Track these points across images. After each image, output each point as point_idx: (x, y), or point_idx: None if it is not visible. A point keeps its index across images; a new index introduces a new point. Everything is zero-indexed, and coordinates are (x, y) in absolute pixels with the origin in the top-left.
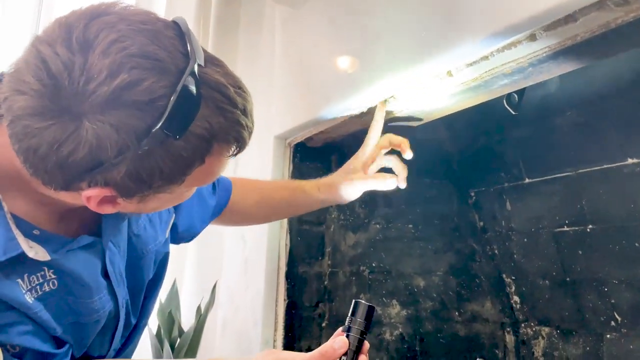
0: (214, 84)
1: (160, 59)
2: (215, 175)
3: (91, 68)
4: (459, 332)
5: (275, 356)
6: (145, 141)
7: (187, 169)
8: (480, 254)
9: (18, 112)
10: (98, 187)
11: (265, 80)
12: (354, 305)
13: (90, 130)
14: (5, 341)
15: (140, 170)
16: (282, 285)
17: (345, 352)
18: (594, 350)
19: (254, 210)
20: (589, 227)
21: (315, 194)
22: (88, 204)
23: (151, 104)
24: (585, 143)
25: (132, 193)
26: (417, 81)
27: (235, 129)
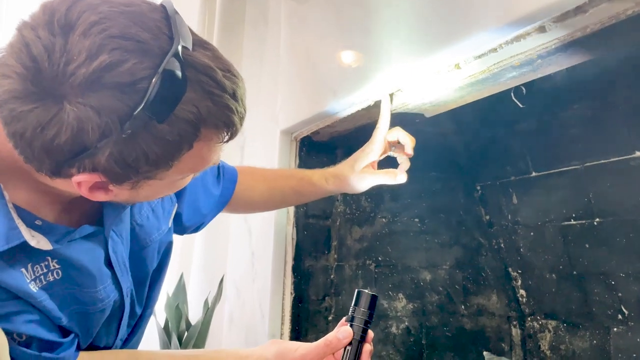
0: (200, 66)
1: (143, 41)
2: (207, 161)
3: (71, 50)
4: (465, 326)
5: (279, 346)
6: (128, 124)
7: (174, 154)
8: (486, 248)
9: (3, 96)
10: (87, 173)
11: (271, 74)
12: (357, 295)
13: (72, 113)
14: (12, 330)
15: (125, 155)
16: (288, 279)
17: (349, 342)
18: (600, 343)
19: (262, 199)
20: (596, 221)
21: (323, 185)
22: (80, 190)
23: (133, 85)
24: (593, 136)
25: (120, 179)
26: (424, 74)
27: (224, 114)
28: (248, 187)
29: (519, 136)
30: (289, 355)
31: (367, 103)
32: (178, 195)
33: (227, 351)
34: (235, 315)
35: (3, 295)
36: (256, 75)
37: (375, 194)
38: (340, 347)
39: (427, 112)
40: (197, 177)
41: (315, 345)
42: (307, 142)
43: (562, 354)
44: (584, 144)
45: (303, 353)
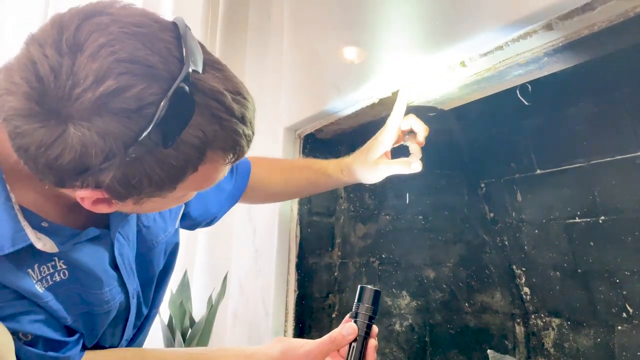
0: (209, 91)
1: (152, 65)
2: (213, 181)
3: (78, 72)
4: (468, 323)
5: (283, 343)
6: (132, 149)
7: (178, 177)
8: (490, 245)
9: (9, 112)
10: (90, 189)
11: (275, 71)
12: (360, 291)
13: (75, 137)
14: (18, 329)
15: (129, 176)
16: (292, 276)
17: (354, 338)
18: (605, 341)
19: (277, 190)
20: (601, 219)
21: (339, 176)
22: (83, 204)
23: (139, 111)
24: (598, 134)
25: (123, 197)
26: (429, 71)
27: (231, 138)
28: (263, 178)
29: (524, 133)
30: (294, 352)
31: (371, 100)
32: None
33: (232, 349)
34: (239, 312)
35: (9, 295)
36: (260, 72)
37: (379, 191)
38: (345, 344)
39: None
40: None
41: (320, 342)
42: (310, 140)
43: (566, 352)
44: (589, 141)
45: (308, 350)
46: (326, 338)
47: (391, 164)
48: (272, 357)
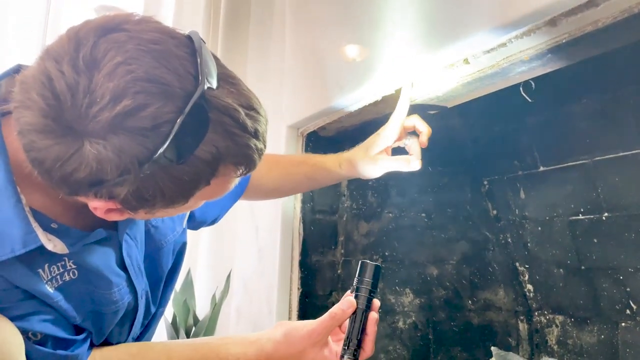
0: (223, 108)
1: (167, 83)
2: (224, 192)
3: (95, 91)
4: (472, 321)
5: (286, 327)
6: (146, 166)
7: (191, 191)
8: (493, 243)
9: (25, 127)
10: (103, 200)
11: (277, 69)
12: (360, 266)
13: (91, 154)
14: (28, 328)
15: (142, 191)
16: (295, 274)
17: (354, 312)
18: (608, 338)
19: (275, 186)
20: (605, 215)
21: (337, 170)
22: (95, 212)
23: (154, 129)
24: (602, 130)
25: (135, 208)
26: (432, 69)
27: (243, 153)
28: (261, 174)
29: (527, 131)
30: (297, 334)
31: (374, 98)
32: None
33: (235, 337)
34: (243, 311)
35: (20, 295)
36: (262, 70)
37: (381, 189)
38: (345, 318)
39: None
40: None
41: (320, 320)
42: (313, 138)
43: (569, 349)
44: (592, 138)
45: (310, 330)
46: (326, 315)
47: (391, 160)
48: (276, 341)
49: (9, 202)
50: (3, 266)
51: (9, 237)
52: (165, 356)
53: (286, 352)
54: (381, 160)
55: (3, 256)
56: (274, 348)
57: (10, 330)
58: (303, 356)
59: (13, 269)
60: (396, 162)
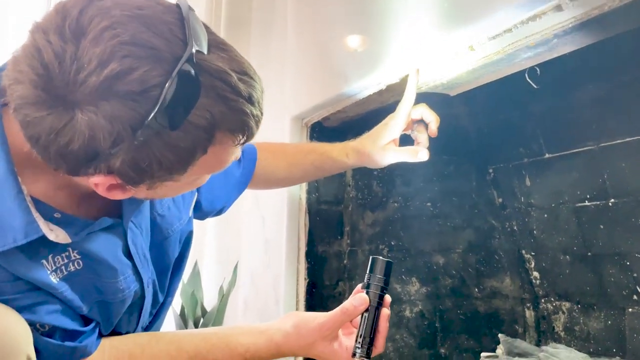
0: (214, 71)
1: (155, 47)
2: (225, 164)
3: (82, 57)
4: (478, 309)
5: (296, 317)
6: (139, 132)
7: (188, 159)
8: (499, 231)
9: (18, 102)
10: (102, 175)
11: (280, 60)
12: (371, 262)
13: (83, 122)
14: (35, 320)
15: (139, 161)
16: (302, 265)
17: (366, 309)
18: (615, 324)
19: (283, 175)
20: (611, 201)
21: (344, 160)
22: (97, 190)
23: (144, 93)
24: (607, 116)
25: (136, 181)
26: (437, 57)
27: (239, 118)
28: (268, 164)
29: (532, 118)
30: (307, 326)
31: (378, 87)
32: None
33: (244, 326)
34: (250, 301)
35: (24, 286)
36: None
37: (387, 178)
38: (356, 315)
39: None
40: None
41: (332, 314)
42: (317, 128)
43: (576, 335)
44: (598, 124)
45: (321, 323)
46: (338, 310)
47: (399, 151)
48: (285, 332)
49: (9, 193)
50: (6, 257)
51: (11, 227)
52: (175, 346)
53: (296, 344)
54: (389, 151)
55: (5, 246)
56: (283, 339)
57: (17, 321)
58: (312, 348)
59: (16, 260)
60: (404, 153)
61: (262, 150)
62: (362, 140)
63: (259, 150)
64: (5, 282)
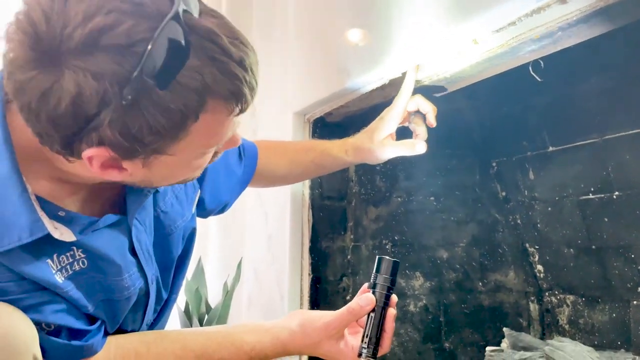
0: (203, 32)
1: (140, 3)
2: (219, 136)
3: (68, 12)
4: (482, 302)
5: (302, 316)
6: (127, 89)
7: (180, 125)
8: (502, 224)
9: (9, 68)
10: (95, 147)
11: (282, 56)
12: (377, 262)
13: (70, 80)
14: (41, 319)
15: (129, 124)
16: (306, 260)
17: (372, 309)
18: (620, 316)
19: (283, 173)
20: (615, 194)
21: (343, 157)
22: (92, 168)
23: (129, 48)
24: (611, 108)
25: (129, 153)
26: (440, 51)
27: (231, 82)
28: (269, 162)
29: (535, 111)
30: (313, 325)
31: (381, 82)
32: (200, 180)
33: (249, 325)
34: (254, 298)
35: (29, 286)
36: (266, 57)
37: (389, 173)
38: (363, 314)
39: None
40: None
41: (338, 313)
42: (320, 124)
43: (581, 328)
44: (602, 116)
45: (327, 322)
46: (344, 310)
47: (396, 145)
48: (292, 331)
49: (14, 192)
50: (11, 257)
51: (16, 225)
52: (181, 344)
53: (301, 343)
54: (387, 146)
55: (10, 244)
56: (289, 337)
57: (23, 321)
58: (318, 347)
59: (21, 260)
60: (401, 146)
61: (263, 148)
62: (360, 136)
63: (259, 149)
64: (10, 282)
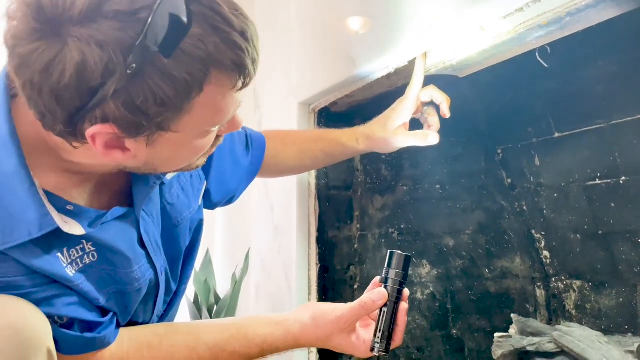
0: (205, 1)
1: None
2: (223, 113)
3: None
4: (489, 289)
5: (314, 309)
6: (131, 57)
7: (185, 95)
8: (508, 211)
9: (11, 42)
10: (98, 124)
11: (285, 45)
12: (389, 256)
13: (74, 49)
14: (53, 313)
15: (133, 95)
16: (313, 250)
17: (385, 304)
18: (627, 301)
19: (293, 163)
20: (622, 179)
21: (354, 146)
22: (96, 148)
23: (133, 15)
24: (618, 93)
25: (134, 128)
26: (447, 38)
27: (234, 52)
28: (278, 152)
29: (541, 97)
30: (325, 318)
31: (387, 71)
32: (206, 172)
33: (261, 317)
34: (262, 288)
35: (41, 280)
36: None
37: (395, 162)
38: (375, 309)
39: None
40: (225, 150)
41: (350, 307)
42: (325, 114)
43: (587, 313)
44: (609, 101)
45: (339, 315)
46: (356, 304)
47: (409, 135)
48: (303, 323)
49: (23, 187)
50: (22, 251)
51: (25, 220)
52: (193, 337)
53: (313, 335)
54: (399, 136)
55: (20, 239)
56: (301, 330)
57: (35, 315)
58: (330, 340)
59: (32, 254)
60: (414, 137)
61: (271, 138)
62: (372, 125)
63: (268, 139)
64: (22, 276)
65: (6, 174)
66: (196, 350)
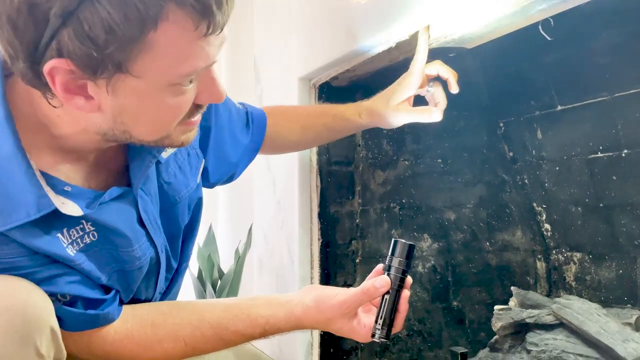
0: None
1: None
2: (190, 62)
3: None
4: (490, 262)
5: (317, 292)
6: None
7: (136, 25)
8: (510, 185)
9: None
10: (55, 58)
11: (285, 19)
12: (393, 245)
13: None
14: (55, 291)
15: (82, 21)
16: (315, 225)
17: (387, 291)
18: (627, 272)
19: (296, 139)
20: (624, 152)
21: (357, 120)
22: (56, 91)
23: None
24: (621, 65)
25: (88, 65)
26: (449, 11)
27: None
28: (280, 128)
29: (544, 70)
30: (328, 302)
31: (388, 45)
32: (204, 150)
33: (266, 298)
34: (265, 262)
35: (42, 260)
36: (269, 22)
37: (396, 137)
38: (377, 296)
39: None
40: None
41: (353, 292)
42: (326, 88)
43: (587, 285)
44: (612, 74)
45: (341, 300)
46: (359, 290)
47: (412, 111)
48: (306, 306)
49: (20, 169)
50: (22, 232)
51: (23, 202)
52: (197, 316)
53: (315, 318)
54: (403, 111)
55: (19, 221)
56: (303, 312)
57: (37, 294)
58: (331, 324)
59: (32, 235)
60: (418, 113)
61: (274, 114)
62: (376, 99)
63: (270, 115)
64: (23, 257)
65: (3, 157)
66: (200, 329)
